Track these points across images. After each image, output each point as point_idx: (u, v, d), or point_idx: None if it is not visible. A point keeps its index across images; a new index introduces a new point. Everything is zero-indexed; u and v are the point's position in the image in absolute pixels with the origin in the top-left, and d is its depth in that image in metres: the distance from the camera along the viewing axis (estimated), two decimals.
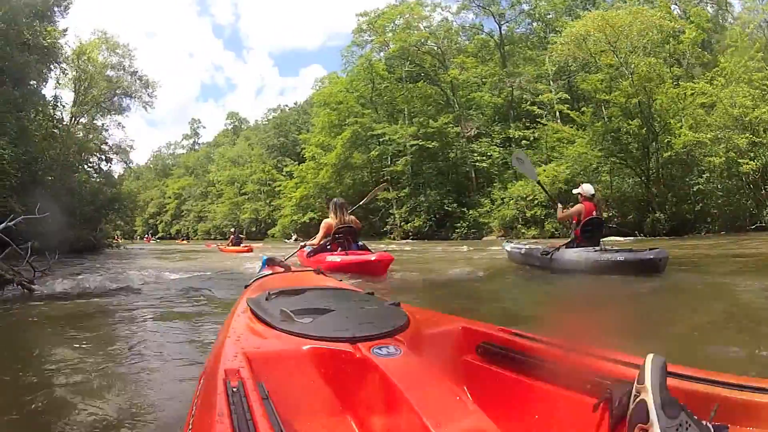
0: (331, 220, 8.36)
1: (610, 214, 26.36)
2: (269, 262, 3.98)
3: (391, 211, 40.35)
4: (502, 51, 43.02)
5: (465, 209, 36.39)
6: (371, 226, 41.25)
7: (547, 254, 8.15)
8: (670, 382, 1.10)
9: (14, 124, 20.72)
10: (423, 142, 38.50)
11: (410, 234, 37.74)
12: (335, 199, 8.74)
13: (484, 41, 45.79)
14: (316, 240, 8.50)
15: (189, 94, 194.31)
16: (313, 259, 8.08)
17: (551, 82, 38.44)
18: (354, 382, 1.46)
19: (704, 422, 1.02)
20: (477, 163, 37.85)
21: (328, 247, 8.29)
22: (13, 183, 19.77)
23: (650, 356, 1.11)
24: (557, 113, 36.54)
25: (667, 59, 29.12)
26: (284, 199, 57.14)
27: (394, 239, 37.76)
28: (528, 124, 38.68)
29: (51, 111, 27.75)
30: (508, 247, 10.51)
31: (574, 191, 8.43)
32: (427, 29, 42.66)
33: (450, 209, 37.13)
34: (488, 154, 37.81)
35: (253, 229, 60.49)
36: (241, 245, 24.68)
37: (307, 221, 47.90)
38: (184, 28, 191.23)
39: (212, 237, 70.98)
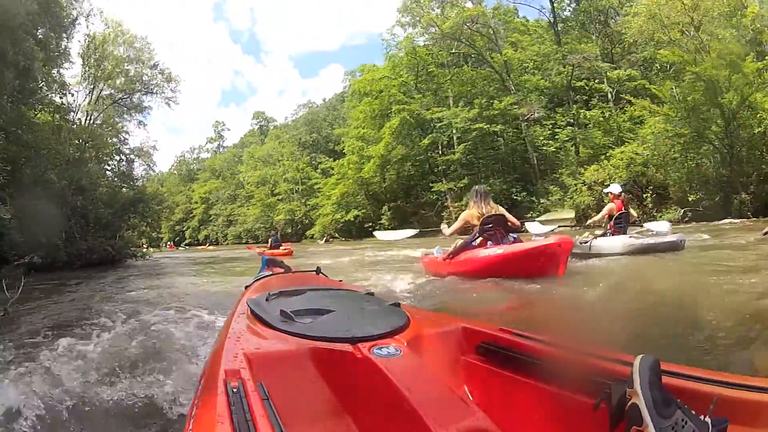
0: (473, 211, 7.17)
1: (697, 197, 25.14)
2: (269, 263, 3.99)
3: (446, 204, 37.65)
4: (556, 28, 39.86)
5: (533, 198, 33.76)
6: (424, 220, 38.88)
7: (585, 243, 9.14)
8: (668, 380, 1.18)
9: (8, 110, 18.47)
10: (487, 126, 35.84)
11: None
12: (477, 187, 7.58)
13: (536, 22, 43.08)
14: (449, 231, 7.77)
15: (210, 100, 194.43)
16: (459, 260, 7.04)
17: (621, 58, 36.02)
18: (354, 382, 1.51)
19: (702, 417, 1.06)
20: (543, 148, 35.29)
21: (474, 243, 7.01)
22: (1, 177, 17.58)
23: (639, 358, 1.15)
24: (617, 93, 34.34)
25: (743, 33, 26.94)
26: (321, 197, 55.22)
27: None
28: (590, 105, 36.36)
29: (58, 99, 25.26)
30: (539, 228, 11.32)
31: (605, 191, 10.29)
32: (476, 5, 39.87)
33: (519, 198, 34.43)
34: (555, 137, 35.18)
35: (289, 230, 58.12)
36: (281, 248, 23.36)
37: (352, 219, 45.83)
38: (200, 34, 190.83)
39: (244, 241, 69.74)
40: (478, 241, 6.96)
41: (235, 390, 1.22)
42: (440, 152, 41.06)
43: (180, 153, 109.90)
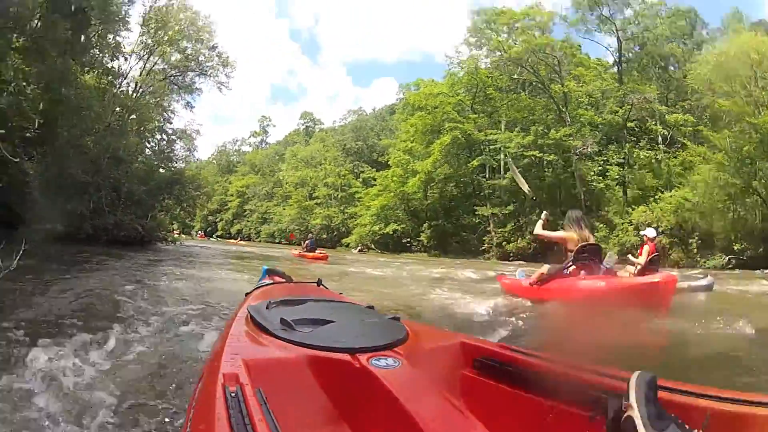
0: (572, 234, 7.13)
1: (741, 247, 25.27)
2: (270, 272, 3.94)
3: (488, 228, 37.49)
4: (620, 67, 39.59)
5: None
6: (465, 243, 38.71)
7: None
8: (662, 395, 1.20)
9: (55, 61, 17.65)
10: (540, 154, 35.80)
11: (511, 255, 34.62)
12: (573, 211, 7.69)
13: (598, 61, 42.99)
14: (542, 231, 7.85)
15: (259, 95, 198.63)
16: (552, 287, 6.99)
17: (674, 104, 36.02)
18: (352, 392, 1.51)
19: (695, 431, 1.09)
20: (593, 183, 34.93)
21: (566, 271, 6.93)
22: (31, 132, 16.46)
23: (636, 374, 1.18)
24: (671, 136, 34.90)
25: None
26: (361, 207, 55.02)
27: (488, 259, 34.98)
28: (639, 146, 36.58)
29: (108, 60, 24.76)
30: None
31: (641, 233, 10.94)
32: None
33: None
34: (606, 173, 34.96)
35: (324, 236, 57.80)
36: (316, 251, 24.25)
37: (390, 233, 45.62)
38: (260, 27, 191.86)
39: (276, 240, 69.67)
40: (571, 269, 6.90)
41: (233, 394, 1.23)
42: (487, 176, 40.91)
43: (222, 143, 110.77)
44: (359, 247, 48.68)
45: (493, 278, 11.41)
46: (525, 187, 10.52)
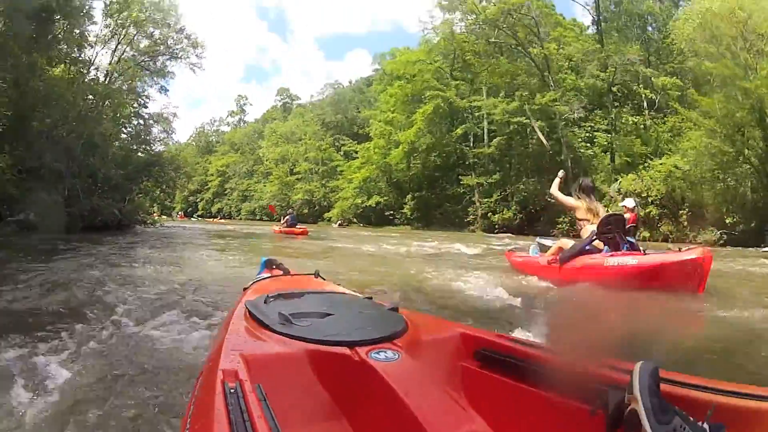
0: (580, 203, 6.72)
1: (733, 221, 24.39)
2: (268, 264, 3.81)
3: (473, 199, 36.74)
4: (599, 27, 38.46)
5: None
6: (449, 214, 37.98)
7: None
8: (666, 388, 1.20)
9: (20, 57, 17.64)
10: (527, 120, 34.62)
11: (496, 227, 33.99)
12: (584, 179, 7.25)
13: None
14: (557, 192, 7.19)
15: (232, 74, 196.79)
16: (575, 266, 6.38)
17: (656, 67, 34.70)
18: (352, 385, 1.51)
19: (700, 423, 1.07)
20: (580, 150, 34.01)
21: (588, 247, 6.43)
22: (1, 126, 16.74)
23: (639, 364, 1.18)
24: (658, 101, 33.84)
25: None
26: (342, 180, 54.43)
27: (473, 231, 34.31)
28: (629, 112, 35.36)
29: (75, 52, 24.13)
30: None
31: (620, 204, 10.26)
32: None
33: (553, 201, 32.69)
34: (593, 140, 34.03)
35: (305, 211, 57.17)
36: (297, 227, 24.56)
37: (373, 205, 45.08)
38: (226, 7, 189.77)
39: (257, 217, 69.71)
40: (593, 244, 6.39)
41: (232, 390, 1.23)
42: (471, 145, 40.04)
43: (200, 124, 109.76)
44: (339, 221, 48.42)
45: (490, 253, 10.98)
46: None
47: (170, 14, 29.00)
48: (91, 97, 25.14)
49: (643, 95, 34.40)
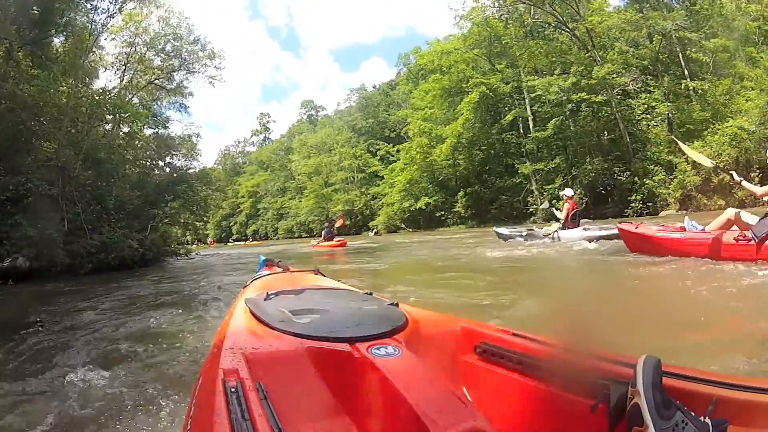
0: None
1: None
2: (267, 263, 3.92)
3: (531, 188, 35.60)
4: None
5: (636, 179, 30.99)
6: (505, 208, 36.89)
7: (548, 234, 12.61)
8: (667, 381, 1.22)
9: None
10: (588, 96, 32.88)
11: (591, 214, 32.74)
12: None
13: None
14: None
15: (250, 96, 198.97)
16: None
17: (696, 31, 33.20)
18: (352, 382, 1.52)
19: (702, 418, 1.10)
20: (641, 123, 32.71)
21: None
22: None
23: (642, 358, 1.20)
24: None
25: None
26: (383, 185, 53.62)
27: (535, 222, 33.03)
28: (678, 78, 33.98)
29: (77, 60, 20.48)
30: (505, 231, 15.05)
31: (561, 193, 13.89)
32: None
33: (623, 179, 31.71)
34: (653, 110, 32.61)
35: (347, 222, 56.63)
36: (335, 240, 24.75)
37: (423, 207, 43.87)
38: (237, 32, 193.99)
39: (296, 235, 68.95)
40: None
41: (233, 389, 1.24)
42: (520, 131, 38.80)
43: (224, 147, 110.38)
44: (374, 230, 48.11)
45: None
46: (706, 162, 8.59)
47: (180, 26, 28.22)
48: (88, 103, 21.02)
49: (699, 59, 32.98)
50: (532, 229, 14.28)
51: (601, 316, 3.92)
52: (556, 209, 13.40)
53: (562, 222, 12.57)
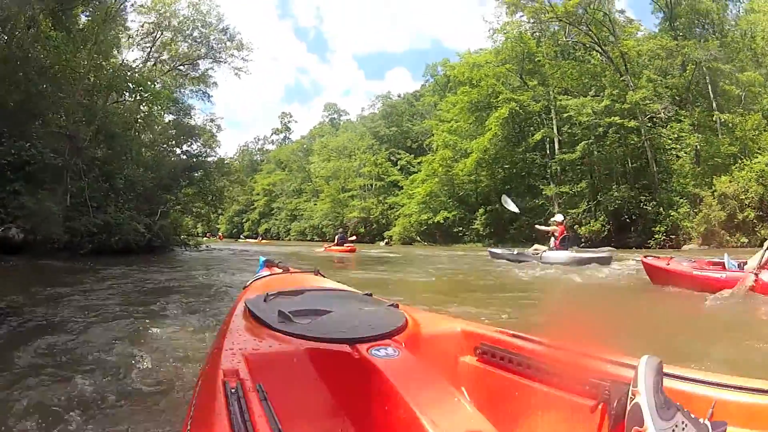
0: None
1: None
2: (267, 264, 3.90)
3: (553, 210, 35.23)
4: (672, 22, 36.48)
5: (661, 209, 30.59)
6: (524, 229, 36.48)
7: (537, 254, 13.86)
8: (667, 383, 1.22)
9: None
10: (621, 120, 32.31)
11: (582, 240, 32.29)
12: None
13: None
14: None
15: (273, 96, 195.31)
16: None
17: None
18: (352, 383, 1.52)
19: (701, 420, 1.12)
20: (672, 152, 32.47)
21: None
22: None
23: (644, 359, 1.20)
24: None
25: None
26: (402, 195, 53.14)
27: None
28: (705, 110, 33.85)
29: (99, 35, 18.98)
30: (498, 251, 17.28)
31: (551, 220, 15.20)
32: None
33: (649, 209, 31.30)
34: (685, 141, 32.27)
35: (362, 230, 56.12)
36: (344, 245, 25.52)
37: (441, 221, 43.37)
38: (265, 30, 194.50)
39: (308, 238, 68.65)
40: None
41: (233, 390, 1.24)
42: (548, 151, 38.50)
43: (244, 143, 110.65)
44: (386, 240, 47.93)
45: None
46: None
47: (210, 14, 27.86)
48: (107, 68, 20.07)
49: (731, 91, 32.70)
50: (523, 251, 15.82)
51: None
52: (546, 224, 15.71)
53: (551, 244, 14.03)
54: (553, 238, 14.16)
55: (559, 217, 14.74)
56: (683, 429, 1.07)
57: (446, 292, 9.40)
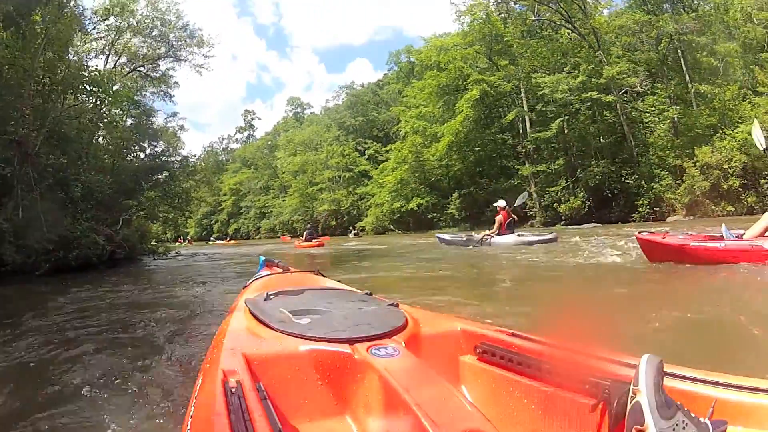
0: None
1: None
2: (267, 263, 3.90)
3: (530, 190, 34.26)
4: None
5: (643, 182, 30.13)
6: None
7: (486, 240, 14.03)
8: (668, 382, 1.22)
9: None
10: (598, 95, 31.76)
11: (563, 218, 31.52)
12: None
13: None
14: None
15: (235, 95, 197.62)
16: None
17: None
18: (352, 382, 1.53)
19: (702, 419, 1.11)
20: (650, 126, 32.03)
21: None
22: None
23: (645, 357, 1.19)
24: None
25: None
26: (372, 185, 52.32)
27: (533, 226, 31.73)
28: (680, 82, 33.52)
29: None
30: (446, 236, 16.94)
31: (494, 205, 15.37)
32: None
33: (630, 183, 30.79)
34: (663, 114, 31.78)
35: (333, 223, 55.19)
36: (313, 240, 25.66)
37: (414, 208, 42.63)
38: (224, 29, 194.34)
39: (278, 234, 67.46)
40: None
41: (233, 390, 1.25)
42: (520, 131, 37.75)
43: (208, 143, 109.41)
44: (354, 232, 46.74)
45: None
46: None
47: (169, 12, 26.83)
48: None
49: (709, 62, 32.06)
50: (471, 235, 15.75)
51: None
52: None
53: (496, 229, 14.21)
54: (498, 223, 14.38)
55: (501, 203, 14.82)
56: (684, 428, 1.06)
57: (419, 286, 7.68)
